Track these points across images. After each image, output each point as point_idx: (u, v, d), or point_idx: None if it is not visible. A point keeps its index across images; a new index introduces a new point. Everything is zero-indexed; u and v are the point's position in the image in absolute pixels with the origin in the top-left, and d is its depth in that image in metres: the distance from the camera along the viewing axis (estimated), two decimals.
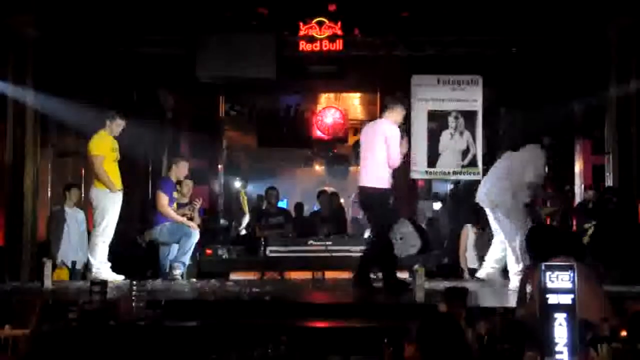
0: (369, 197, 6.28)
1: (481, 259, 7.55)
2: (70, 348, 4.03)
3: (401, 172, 9.79)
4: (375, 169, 6.19)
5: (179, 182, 7.74)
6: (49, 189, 8.62)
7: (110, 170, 6.96)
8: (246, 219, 10.84)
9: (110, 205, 6.97)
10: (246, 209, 11.13)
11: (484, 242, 7.71)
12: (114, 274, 6.90)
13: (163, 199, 7.39)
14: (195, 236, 7.35)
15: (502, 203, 6.56)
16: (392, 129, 6.16)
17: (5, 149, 7.77)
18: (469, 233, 8.10)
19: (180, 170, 7.68)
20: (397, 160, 6.17)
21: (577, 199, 9.32)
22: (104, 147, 6.96)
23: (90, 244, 7.11)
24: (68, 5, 7.98)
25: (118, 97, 8.96)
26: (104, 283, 4.67)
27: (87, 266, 7.19)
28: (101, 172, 6.90)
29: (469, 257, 8.03)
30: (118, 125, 7.07)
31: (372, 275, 6.77)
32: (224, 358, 3.93)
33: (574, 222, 8.25)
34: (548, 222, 8.24)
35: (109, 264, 7.02)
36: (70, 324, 4.26)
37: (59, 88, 7.92)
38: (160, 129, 10.36)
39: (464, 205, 9.43)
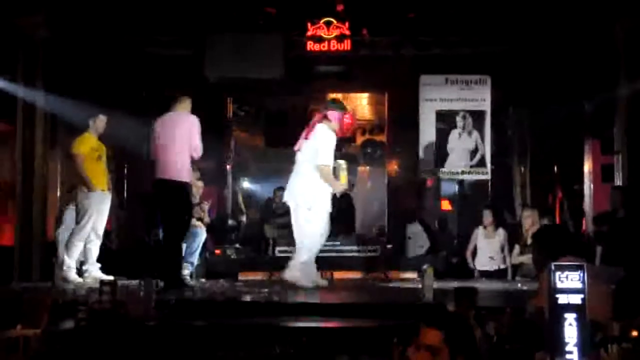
0: (168, 190, 6.16)
1: (491, 259, 7.52)
2: (80, 348, 4.04)
3: (409, 172, 9.84)
4: (178, 160, 6.15)
5: None
6: (58, 190, 8.66)
7: (91, 170, 6.91)
8: (244, 218, 10.88)
9: (90, 205, 6.86)
10: (243, 207, 11.18)
11: (493, 243, 7.70)
12: (103, 274, 6.72)
13: None
14: (202, 235, 7.34)
15: (312, 198, 6.29)
16: (197, 121, 6.18)
17: (15, 150, 7.82)
18: (479, 235, 8.05)
19: None
20: (199, 151, 6.17)
21: (586, 199, 9.27)
22: (84, 147, 6.95)
23: (67, 241, 6.95)
24: (78, 6, 8.03)
25: (127, 98, 8.99)
26: (113, 283, 4.68)
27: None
28: (80, 171, 6.88)
29: (479, 259, 7.98)
30: (101, 121, 7.07)
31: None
32: (232, 357, 3.93)
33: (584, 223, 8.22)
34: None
35: (99, 265, 6.93)
36: (79, 324, 4.28)
37: (68, 89, 7.95)
38: None
39: (473, 205, 9.39)
